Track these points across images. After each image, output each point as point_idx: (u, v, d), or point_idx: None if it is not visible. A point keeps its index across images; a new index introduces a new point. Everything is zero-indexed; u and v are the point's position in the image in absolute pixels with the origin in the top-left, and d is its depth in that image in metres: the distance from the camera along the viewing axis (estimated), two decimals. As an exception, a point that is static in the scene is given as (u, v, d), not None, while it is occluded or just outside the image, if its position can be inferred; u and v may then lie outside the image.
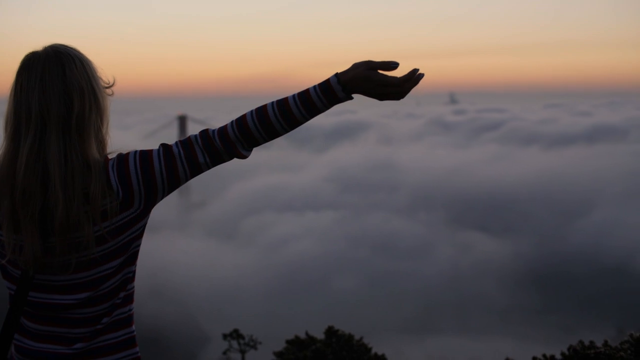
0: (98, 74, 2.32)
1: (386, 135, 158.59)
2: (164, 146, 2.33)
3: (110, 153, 2.33)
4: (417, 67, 2.31)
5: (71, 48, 2.28)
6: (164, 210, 66.75)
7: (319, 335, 11.04)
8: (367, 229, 73.52)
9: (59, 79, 2.21)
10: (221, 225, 76.78)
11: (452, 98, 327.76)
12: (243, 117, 2.34)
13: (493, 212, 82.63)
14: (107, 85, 2.35)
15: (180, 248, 60.13)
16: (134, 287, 2.42)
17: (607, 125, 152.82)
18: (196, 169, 2.33)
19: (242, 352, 20.82)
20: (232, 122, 2.35)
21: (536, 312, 55.40)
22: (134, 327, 2.43)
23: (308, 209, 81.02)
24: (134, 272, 2.39)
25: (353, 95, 2.34)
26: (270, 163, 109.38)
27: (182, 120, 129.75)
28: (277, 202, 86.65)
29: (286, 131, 2.35)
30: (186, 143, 2.33)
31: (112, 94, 2.37)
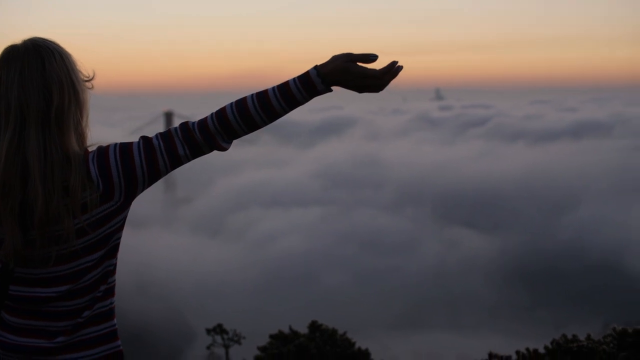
0: (78, 67, 2.32)
1: (372, 131, 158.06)
2: (144, 139, 2.34)
3: (90, 146, 2.33)
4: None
5: (50, 42, 2.28)
6: (150, 205, 66.66)
7: (304, 330, 11.05)
8: (354, 225, 73.35)
9: (38, 73, 2.21)
10: (207, 221, 76.53)
11: (438, 94, 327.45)
12: (223, 109, 2.34)
13: (480, 208, 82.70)
14: (86, 79, 2.35)
15: (166, 244, 59.95)
16: (114, 280, 2.43)
17: (593, 121, 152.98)
18: (176, 161, 2.33)
19: (226, 347, 20.83)
20: (212, 114, 2.35)
21: (525, 308, 55.47)
22: (115, 320, 2.43)
23: (295, 205, 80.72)
24: (114, 266, 2.40)
25: (332, 88, 2.35)
26: (257, 159, 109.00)
27: (168, 117, 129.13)
28: (263, 197, 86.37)
29: (266, 123, 2.35)
30: (166, 135, 2.33)
31: (92, 87, 2.37)
